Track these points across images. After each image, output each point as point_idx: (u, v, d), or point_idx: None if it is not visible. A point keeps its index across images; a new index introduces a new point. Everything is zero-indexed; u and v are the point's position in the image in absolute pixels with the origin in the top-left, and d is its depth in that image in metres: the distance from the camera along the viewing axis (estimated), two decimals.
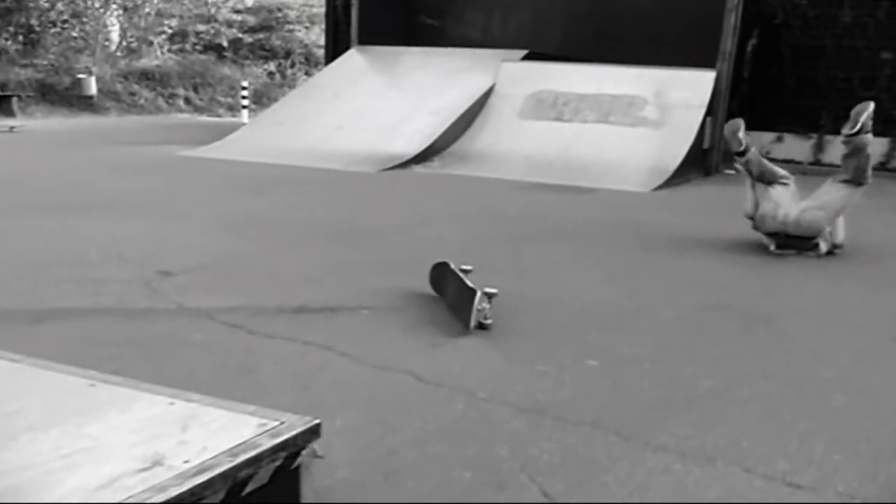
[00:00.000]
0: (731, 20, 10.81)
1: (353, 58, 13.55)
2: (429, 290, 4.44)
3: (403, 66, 13.00)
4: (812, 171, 10.88)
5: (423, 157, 10.67)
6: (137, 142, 13.23)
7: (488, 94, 11.66)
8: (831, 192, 5.95)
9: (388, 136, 11.15)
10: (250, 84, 21.50)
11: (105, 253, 5.22)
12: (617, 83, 11.19)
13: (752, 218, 6.08)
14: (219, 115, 21.08)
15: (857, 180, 5.88)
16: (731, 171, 11.76)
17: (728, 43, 10.81)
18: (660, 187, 9.40)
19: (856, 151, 5.89)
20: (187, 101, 21.47)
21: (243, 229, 6.15)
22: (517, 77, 11.76)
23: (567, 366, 3.38)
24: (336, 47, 15.32)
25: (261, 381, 3.14)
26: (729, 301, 4.52)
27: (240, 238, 5.85)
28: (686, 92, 10.77)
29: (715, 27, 10.93)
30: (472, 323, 3.74)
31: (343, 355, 3.44)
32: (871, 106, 5.81)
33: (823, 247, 5.82)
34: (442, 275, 4.37)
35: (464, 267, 4.32)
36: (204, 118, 20.25)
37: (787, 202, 5.89)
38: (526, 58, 12.36)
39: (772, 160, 13.15)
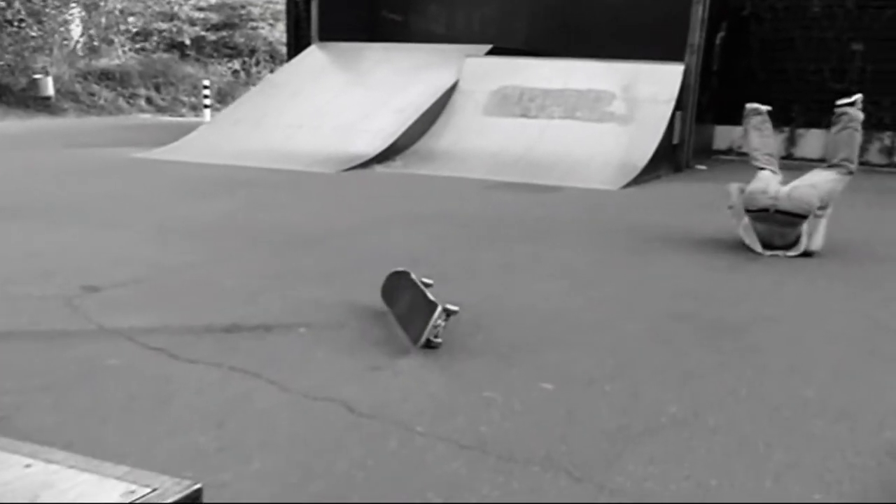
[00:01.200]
0: (699, 12, 10.56)
1: (314, 54, 13.18)
2: (376, 302, 4.11)
3: (365, 62, 12.64)
4: (785, 165, 10.63)
5: (384, 156, 10.32)
6: (92, 143, 12.81)
7: (452, 90, 11.33)
8: (819, 176, 5.81)
9: (349, 136, 10.80)
10: (214, 83, 21.10)
11: (29, 265, 4.83)
12: (584, 78, 10.90)
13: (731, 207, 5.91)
14: (182, 115, 20.63)
15: (845, 161, 5.74)
16: (703, 167, 11.54)
17: (696, 36, 10.55)
18: (628, 185, 9.11)
19: (847, 125, 5.79)
20: (149, 100, 20.99)
21: (187, 237, 5.78)
22: (481, 73, 11.44)
23: (518, 390, 3.05)
24: (298, 44, 14.94)
25: (173, 417, 2.78)
26: (698, 310, 4.22)
27: (182, 247, 5.48)
28: (654, 86, 10.50)
29: (683, 20, 10.67)
30: (422, 339, 3.40)
31: (271, 383, 3.09)
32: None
33: (801, 245, 5.55)
34: (398, 285, 4.03)
35: (425, 280, 3.99)
36: (166, 118, 19.79)
37: (776, 183, 5.72)
38: (491, 53, 12.07)
39: (743, 155, 12.97)
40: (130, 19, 23.17)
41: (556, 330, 3.81)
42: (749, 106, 6.24)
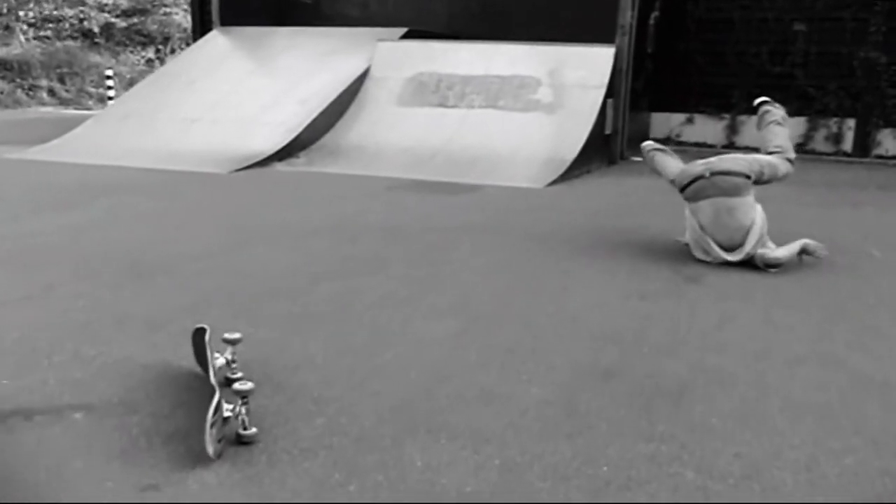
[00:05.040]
0: None
1: (214, 41, 11.99)
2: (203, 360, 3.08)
3: (270, 48, 11.50)
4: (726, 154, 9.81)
5: (286, 152, 9.23)
6: None
7: (363, 78, 10.25)
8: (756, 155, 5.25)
9: (248, 130, 9.69)
10: (125, 73, 19.76)
11: None
12: (507, 62, 9.93)
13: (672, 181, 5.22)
14: (88, 108, 19.19)
15: (777, 148, 5.19)
16: (639, 159, 10.64)
17: (627, 15, 9.61)
18: (556, 181, 8.16)
19: (769, 121, 5.33)
20: (51, 92, 19.49)
21: (4, 266, 4.66)
22: (395, 58, 10.39)
23: None
24: (203, 30, 13.69)
25: None
26: (624, 361, 3.24)
27: None
28: (583, 71, 9.55)
29: None
30: (210, 449, 2.36)
31: None
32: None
33: (751, 237, 4.79)
34: (201, 348, 2.98)
35: (228, 336, 2.96)
36: (70, 111, 18.34)
37: None
38: (408, 36, 11.00)
39: (682, 144, 12.15)
40: (44, 5, 21.56)
41: (430, 404, 2.79)
42: (645, 145, 5.70)
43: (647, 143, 5.71)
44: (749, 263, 4.81)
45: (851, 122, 11.27)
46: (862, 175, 9.69)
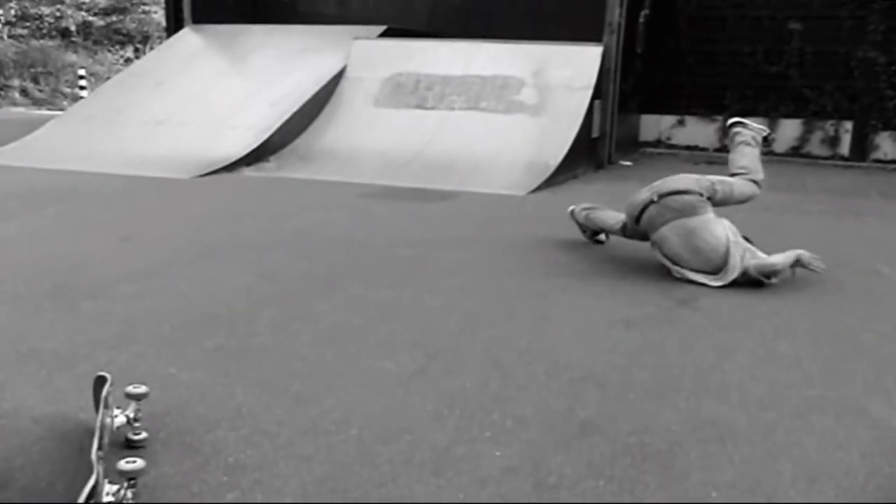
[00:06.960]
0: None
1: (185, 39, 11.48)
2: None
3: (243, 47, 10.99)
4: (718, 158, 9.36)
5: (256, 156, 8.73)
6: None
7: (339, 78, 9.76)
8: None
9: (217, 133, 9.19)
10: (102, 73, 19.23)
11: None
12: (489, 62, 9.46)
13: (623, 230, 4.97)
14: (62, 109, 18.63)
15: (742, 169, 4.81)
16: (628, 163, 10.20)
17: (615, 13, 9.15)
18: (539, 188, 7.69)
19: (739, 142, 4.94)
20: (24, 92, 18.92)
21: None
22: (372, 57, 9.90)
23: None
24: (177, 28, 13.17)
25: None
26: (606, 412, 2.75)
27: None
28: (569, 71, 9.08)
29: None
30: None
31: None
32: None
33: (732, 256, 4.33)
34: (98, 402, 2.49)
35: (132, 389, 2.47)
36: (41, 112, 17.79)
37: None
38: (387, 34, 10.52)
39: (673, 147, 11.70)
40: (21, 3, 21.01)
41: (368, 473, 2.30)
42: (572, 209, 5.53)
43: (573, 207, 5.50)
44: (742, 283, 4.33)
45: (849, 125, 10.82)
46: (861, 181, 9.24)
